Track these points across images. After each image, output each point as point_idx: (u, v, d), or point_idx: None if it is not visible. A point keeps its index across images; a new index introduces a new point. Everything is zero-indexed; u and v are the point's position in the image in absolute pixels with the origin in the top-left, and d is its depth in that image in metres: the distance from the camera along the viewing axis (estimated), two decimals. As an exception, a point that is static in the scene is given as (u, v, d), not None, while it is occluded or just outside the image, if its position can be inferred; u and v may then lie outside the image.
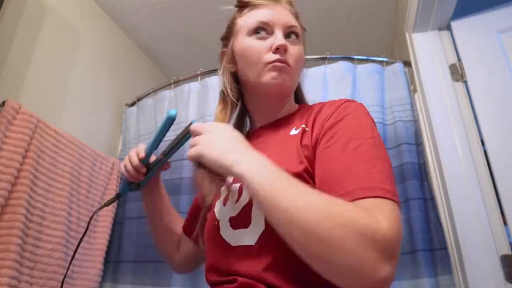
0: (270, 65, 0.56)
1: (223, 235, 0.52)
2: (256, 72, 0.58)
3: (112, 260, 1.33)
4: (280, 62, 0.56)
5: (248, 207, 0.50)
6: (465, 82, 1.13)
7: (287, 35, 0.59)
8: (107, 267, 1.30)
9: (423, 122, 1.20)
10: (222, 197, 0.57)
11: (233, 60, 0.63)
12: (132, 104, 1.68)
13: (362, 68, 1.31)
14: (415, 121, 1.21)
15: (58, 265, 1.05)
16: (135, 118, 1.59)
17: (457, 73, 1.15)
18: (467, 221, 0.98)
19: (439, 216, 1.07)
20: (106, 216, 1.32)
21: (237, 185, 0.54)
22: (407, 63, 1.31)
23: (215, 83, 1.40)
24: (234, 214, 0.52)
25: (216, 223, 0.55)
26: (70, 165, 1.19)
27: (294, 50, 0.59)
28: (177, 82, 1.53)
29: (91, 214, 1.24)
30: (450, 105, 1.11)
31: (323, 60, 1.33)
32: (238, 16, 0.63)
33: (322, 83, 1.28)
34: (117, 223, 1.38)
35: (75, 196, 1.19)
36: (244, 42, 0.60)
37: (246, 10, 0.62)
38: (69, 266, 0.73)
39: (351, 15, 1.75)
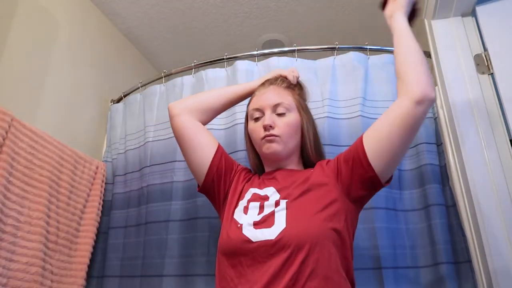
0: (263, 140, 0.86)
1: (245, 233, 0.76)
2: (258, 146, 0.89)
3: (96, 275, 1.32)
4: (268, 136, 0.85)
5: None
6: (492, 74, 1.12)
7: (276, 111, 0.87)
8: (90, 282, 1.30)
9: (444, 120, 1.19)
10: (241, 208, 0.83)
11: (249, 137, 0.95)
12: (118, 100, 1.68)
13: (375, 59, 1.30)
14: (435, 119, 1.21)
15: (34, 281, 1.04)
16: (121, 115, 1.59)
17: (482, 64, 1.14)
18: (495, 231, 0.97)
19: (462, 224, 1.07)
20: (89, 226, 1.31)
21: (257, 203, 0.82)
22: (426, 54, 1.27)
23: (211, 77, 1.40)
24: (257, 219, 0.78)
25: (238, 225, 0.78)
26: (49, 169, 1.18)
27: (281, 122, 0.86)
28: (169, 76, 1.53)
29: (71, 223, 1.24)
30: (474, 100, 1.11)
31: (331, 50, 1.33)
32: (248, 105, 0.96)
33: (330, 76, 1.28)
34: (101, 233, 1.38)
35: (54, 203, 1.18)
36: (249, 125, 0.92)
37: (252, 98, 0.95)
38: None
39: (362, 0, 1.73)
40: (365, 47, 1.32)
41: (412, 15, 0.91)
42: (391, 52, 1.33)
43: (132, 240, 1.30)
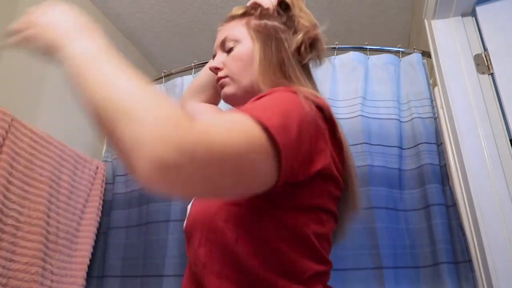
0: (217, 84, 0.72)
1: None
2: None
3: (96, 275, 1.32)
4: (218, 80, 0.71)
5: None
6: (492, 74, 1.12)
7: (225, 48, 0.71)
8: (90, 282, 1.30)
9: (444, 120, 1.19)
10: None
11: None
12: (118, 100, 1.67)
13: (375, 59, 1.30)
14: (435, 118, 1.21)
15: (34, 281, 1.04)
16: (121, 115, 1.58)
17: (482, 64, 1.14)
18: (494, 231, 0.97)
19: (462, 224, 1.07)
20: (89, 226, 1.31)
21: None
22: (425, 54, 1.30)
23: (211, 76, 1.39)
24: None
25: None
26: (49, 169, 1.18)
27: (230, 58, 0.69)
28: (169, 76, 1.53)
29: (71, 223, 1.24)
30: (474, 100, 1.11)
31: (331, 50, 1.33)
32: None
33: (330, 76, 1.28)
34: (102, 233, 1.38)
35: (54, 203, 1.18)
36: None
37: None
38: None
39: (363, 0, 1.73)
40: (365, 47, 1.32)
41: None
42: (391, 52, 1.33)
43: (133, 240, 1.30)
